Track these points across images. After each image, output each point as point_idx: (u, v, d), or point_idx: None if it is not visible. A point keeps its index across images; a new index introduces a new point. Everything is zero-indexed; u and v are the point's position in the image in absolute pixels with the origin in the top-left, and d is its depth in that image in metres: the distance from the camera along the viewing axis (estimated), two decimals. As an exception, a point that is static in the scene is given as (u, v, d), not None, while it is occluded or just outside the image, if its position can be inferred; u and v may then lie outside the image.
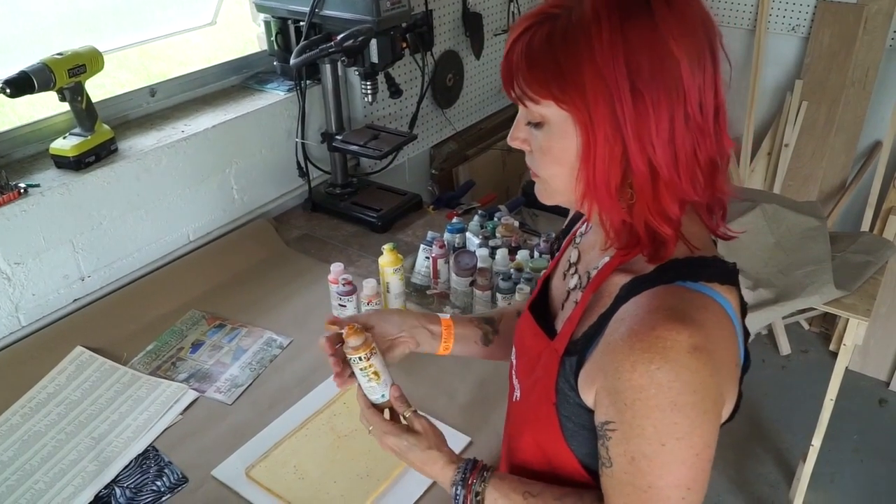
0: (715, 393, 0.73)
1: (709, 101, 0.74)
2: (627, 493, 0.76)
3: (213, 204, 1.83)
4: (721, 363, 0.73)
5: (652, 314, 0.73)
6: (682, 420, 0.71)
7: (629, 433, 0.74)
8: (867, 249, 1.96)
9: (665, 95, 0.72)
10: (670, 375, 0.70)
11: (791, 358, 3.01)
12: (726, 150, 0.78)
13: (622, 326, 0.75)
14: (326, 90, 1.96)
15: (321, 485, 1.20)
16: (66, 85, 1.49)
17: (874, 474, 2.48)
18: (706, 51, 0.73)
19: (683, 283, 0.75)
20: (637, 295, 0.76)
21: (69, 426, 1.33)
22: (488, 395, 1.39)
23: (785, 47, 2.84)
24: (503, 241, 1.73)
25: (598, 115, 0.73)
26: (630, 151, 0.73)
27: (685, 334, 0.70)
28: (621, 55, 0.71)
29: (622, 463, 0.76)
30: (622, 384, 0.72)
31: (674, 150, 0.74)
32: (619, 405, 0.74)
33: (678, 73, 0.71)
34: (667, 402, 0.70)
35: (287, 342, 1.54)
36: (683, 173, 0.75)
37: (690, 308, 0.73)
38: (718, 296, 0.76)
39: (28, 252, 1.47)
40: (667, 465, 0.73)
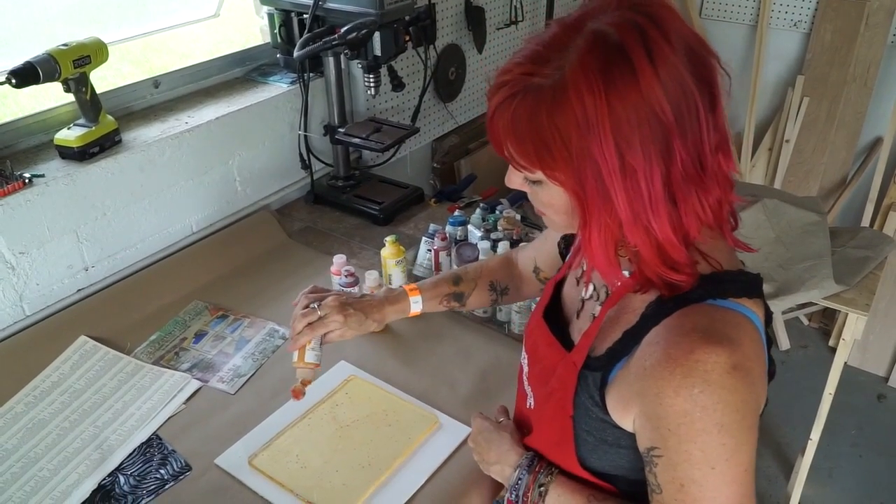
0: (754, 408, 0.73)
1: (707, 146, 0.71)
2: None
3: (216, 195, 1.84)
4: (757, 378, 0.73)
5: (687, 336, 0.72)
6: (729, 440, 0.71)
7: (675, 459, 0.73)
8: (867, 244, 1.97)
9: (657, 163, 0.69)
10: (714, 398, 0.69)
11: (790, 353, 3.02)
12: (731, 172, 0.76)
13: (657, 350, 0.73)
14: (329, 83, 1.97)
15: (323, 474, 1.21)
16: (70, 76, 1.49)
17: (872, 469, 2.50)
18: (697, 91, 0.70)
19: (713, 300, 0.74)
20: (665, 315, 0.75)
21: (73, 415, 1.34)
22: (490, 386, 1.40)
23: (786, 43, 2.84)
24: (505, 234, 1.73)
25: (589, 189, 0.71)
26: (624, 223, 0.72)
27: (724, 355, 0.69)
28: (608, 129, 0.68)
29: (672, 490, 0.75)
30: (664, 410, 0.72)
31: (674, 208, 0.72)
32: (662, 431, 0.73)
33: (667, 137, 0.69)
34: (712, 424, 0.70)
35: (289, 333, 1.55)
36: (689, 224, 0.73)
37: (725, 327, 0.72)
38: (748, 311, 0.75)
39: (32, 242, 1.48)
40: (718, 488, 0.72)
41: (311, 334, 1.12)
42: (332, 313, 1.12)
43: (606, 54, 0.68)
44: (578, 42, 0.69)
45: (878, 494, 2.41)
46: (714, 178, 0.73)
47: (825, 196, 2.91)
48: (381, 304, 1.18)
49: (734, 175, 0.79)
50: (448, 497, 1.18)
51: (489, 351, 1.48)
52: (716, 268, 0.77)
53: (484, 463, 1.03)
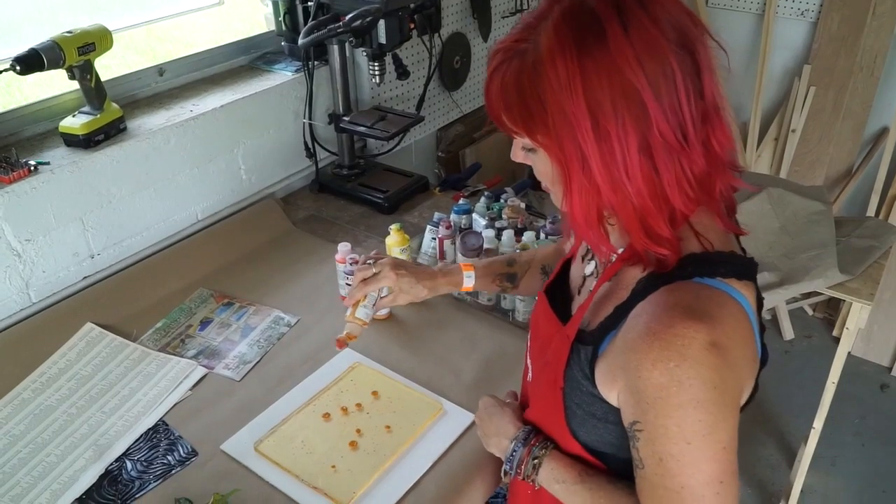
0: (734, 388, 0.73)
1: (690, 115, 0.71)
2: (661, 496, 0.76)
3: (221, 184, 1.84)
4: (738, 358, 0.73)
5: (669, 312, 0.73)
6: (706, 416, 0.71)
7: (654, 433, 0.74)
8: (872, 234, 1.96)
9: (633, 127, 0.70)
10: (690, 373, 0.70)
11: (794, 343, 3.02)
12: (724, 149, 0.76)
13: (640, 324, 0.74)
14: (334, 71, 1.97)
15: (328, 459, 1.21)
16: (75, 63, 1.49)
17: (875, 458, 2.50)
18: (676, 62, 0.70)
19: (701, 279, 0.75)
20: (654, 291, 0.76)
21: (80, 401, 1.35)
22: (494, 373, 1.40)
23: (793, 32, 2.82)
24: (509, 222, 1.73)
25: (567, 151, 0.73)
26: (601, 186, 0.72)
27: (703, 332, 0.70)
28: (580, 91, 0.69)
29: (652, 464, 0.75)
30: (643, 383, 0.73)
31: (652, 177, 0.72)
32: (642, 405, 0.74)
33: (641, 101, 0.69)
34: (688, 399, 0.71)
35: (294, 320, 1.55)
36: (671, 195, 0.73)
37: (708, 305, 0.73)
38: (735, 292, 0.75)
39: (38, 229, 1.48)
40: (695, 463, 0.73)
41: (365, 289, 1.22)
42: (386, 270, 1.21)
43: (579, 19, 0.70)
44: (556, 10, 0.72)
45: (881, 483, 2.41)
46: (700, 150, 0.74)
47: (831, 186, 2.90)
48: (434, 274, 1.26)
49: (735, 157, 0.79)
50: (452, 483, 1.19)
51: (494, 338, 1.48)
52: (707, 248, 0.78)
53: (484, 437, 1.06)
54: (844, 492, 2.39)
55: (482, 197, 1.84)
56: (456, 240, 1.65)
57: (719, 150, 0.75)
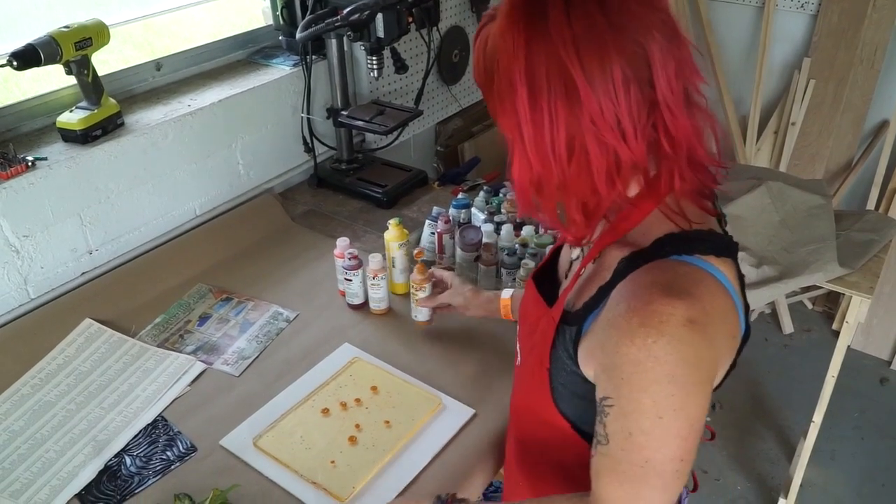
0: (709, 365, 0.75)
1: (626, 105, 0.71)
2: (623, 471, 0.77)
3: (219, 179, 1.84)
4: (717, 335, 0.75)
5: (647, 289, 0.74)
6: (678, 392, 0.72)
7: (627, 408, 0.75)
8: (872, 228, 1.96)
9: (564, 106, 0.71)
10: (667, 349, 0.71)
11: (794, 336, 3.02)
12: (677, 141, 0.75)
13: (620, 302, 0.76)
14: (332, 65, 1.96)
15: (327, 455, 1.21)
16: (72, 58, 1.49)
17: (874, 452, 2.50)
18: (617, 51, 0.70)
19: (678, 257, 0.77)
20: (634, 270, 0.78)
21: (79, 396, 1.35)
22: (492, 368, 1.40)
23: (793, 24, 2.81)
24: (508, 216, 1.73)
25: (510, 118, 0.75)
26: (531, 158, 0.75)
27: (681, 308, 0.71)
28: (522, 61, 0.72)
29: (619, 439, 0.77)
30: (620, 359, 0.74)
31: (579, 158, 0.73)
32: (616, 380, 0.75)
33: (574, 84, 0.70)
34: (663, 374, 0.72)
35: (293, 316, 1.55)
36: (598, 181, 0.74)
37: (685, 282, 0.74)
38: (713, 268, 0.77)
39: (36, 225, 1.48)
40: (663, 439, 0.74)
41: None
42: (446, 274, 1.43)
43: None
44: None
45: (880, 477, 2.42)
46: (641, 142, 0.74)
47: (830, 179, 2.89)
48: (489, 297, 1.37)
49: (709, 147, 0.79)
50: (452, 477, 1.19)
51: (492, 333, 1.48)
52: (684, 227, 0.79)
53: None
54: (844, 486, 2.40)
55: (481, 191, 1.84)
56: (455, 234, 1.65)
57: (667, 143, 0.75)
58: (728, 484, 2.40)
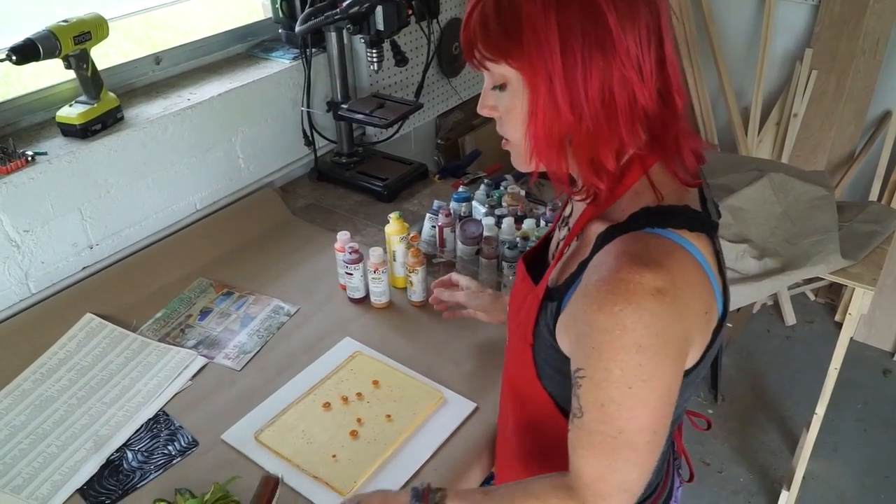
0: (678, 338, 0.75)
1: (647, 56, 0.75)
2: (598, 443, 0.79)
3: (219, 173, 1.83)
4: (687, 308, 0.75)
5: (618, 259, 0.75)
6: (647, 362, 0.73)
7: (597, 378, 0.76)
8: (874, 219, 1.95)
9: (598, 51, 0.73)
10: (633, 317, 0.72)
11: (796, 328, 3.02)
12: (676, 102, 0.80)
13: (593, 273, 0.78)
14: (332, 58, 1.95)
15: (329, 449, 1.21)
16: (71, 52, 1.48)
17: (877, 443, 2.50)
18: (643, 4, 0.74)
19: (652, 229, 0.78)
20: (609, 243, 0.79)
21: (80, 391, 1.35)
22: (493, 361, 1.40)
23: (795, 15, 2.80)
24: (509, 210, 1.73)
25: (536, 69, 0.75)
26: (561, 107, 0.75)
27: (648, 277, 0.72)
28: (553, 12, 0.73)
29: (592, 411, 0.78)
30: (589, 327, 0.75)
31: (609, 103, 0.75)
32: (587, 349, 0.76)
33: (608, 28, 0.73)
34: (631, 343, 0.73)
35: (294, 310, 1.55)
36: (623, 125, 0.76)
37: (656, 253, 0.75)
38: (686, 242, 0.78)
39: (36, 220, 1.48)
40: (634, 409, 0.76)
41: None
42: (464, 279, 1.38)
43: None
44: None
45: (883, 469, 2.42)
46: (655, 92, 0.77)
47: (833, 171, 2.89)
48: None
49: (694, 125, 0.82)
50: (453, 471, 1.19)
51: (494, 326, 1.47)
52: (659, 200, 0.81)
53: None
54: (846, 477, 2.40)
55: (482, 184, 1.83)
56: (456, 228, 1.65)
57: (677, 100, 0.79)
58: (730, 476, 2.40)
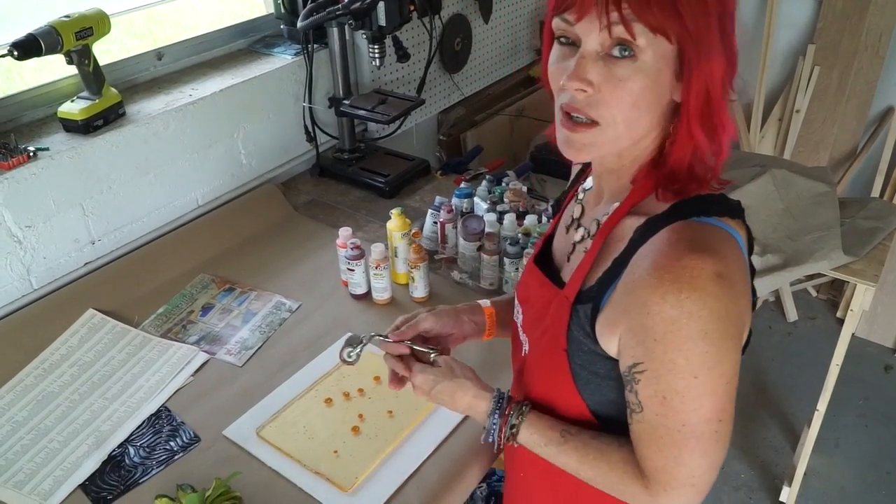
0: (738, 320, 0.75)
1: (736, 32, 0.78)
2: (661, 436, 0.78)
3: (221, 169, 1.83)
4: (740, 292, 0.75)
5: (674, 247, 0.74)
6: (712, 348, 0.73)
7: (660, 370, 0.75)
8: (877, 215, 1.95)
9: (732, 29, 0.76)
10: (699, 304, 0.71)
11: (798, 324, 3.02)
12: None
13: (645, 263, 0.76)
14: (334, 54, 1.95)
15: (331, 444, 1.22)
16: (73, 48, 1.48)
17: (878, 439, 2.50)
18: None
19: (698, 218, 0.77)
20: (654, 234, 0.78)
21: (82, 387, 1.35)
22: (496, 357, 1.40)
23: (798, 10, 2.79)
24: (511, 206, 1.72)
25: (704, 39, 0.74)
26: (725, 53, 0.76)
27: (710, 263, 0.72)
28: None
29: (653, 405, 0.77)
30: (651, 319, 0.74)
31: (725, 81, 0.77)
32: (648, 343, 0.75)
33: (733, 17, 0.76)
34: (697, 330, 0.72)
35: (296, 306, 1.55)
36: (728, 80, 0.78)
37: (711, 239, 0.75)
38: (731, 229, 0.78)
39: (38, 215, 1.48)
40: (699, 399, 0.74)
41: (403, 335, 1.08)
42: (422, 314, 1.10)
43: None
44: None
45: (884, 465, 2.42)
46: None
47: (835, 167, 2.88)
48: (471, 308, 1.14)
49: None
50: (454, 467, 1.19)
51: (495, 323, 1.48)
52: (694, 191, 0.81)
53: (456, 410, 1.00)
54: (848, 473, 2.40)
55: (484, 180, 1.83)
56: (457, 224, 1.65)
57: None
58: (732, 472, 2.40)
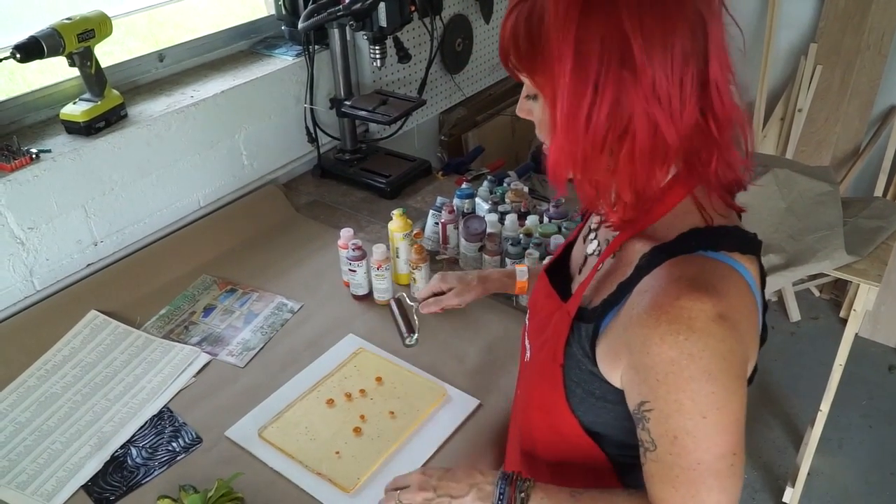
0: (742, 359, 0.73)
1: (680, 83, 0.69)
2: (676, 476, 0.75)
3: (222, 170, 1.84)
4: (744, 332, 0.73)
5: (674, 284, 0.72)
6: (718, 389, 0.71)
7: (667, 410, 0.73)
8: (880, 215, 1.94)
9: (614, 77, 0.68)
10: (699, 345, 0.69)
11: (801, 324, 3.01)
12: (722, 126, 0.74)
13: (645, 299, 0.74)
14: (335, 55, 1.95)
15: (332, 445, 1.21)
16: (75, 50, 1.48)
17: (882, 439, 2.50)
18: (681, 26, 0.68)
19: (704, 252, 0.75)
20: (658, 266, 0.75)
21: (85, 388, 1.35)
22: (497, 358, 1.40)
23: (800, 9, 2.79)
24: (512, 206, 1.72)
25: (550, 87, 0.72)
26: (559, 129, 0.72)
27: (709, 304, 0.70)
28: (573, 31, 0.68)
29: (665, 444, 0.75)
30: (652, 359, 0.72)
31: (625, 137, 0.71)
32: (651, 382, 0.73)
33: (631, 53, 0.67)
34: (700, 371, 0.70)
35: (298, 307, 1.55)
36: (639, 161, 0.72)
37: (712, 277, 0.72)
38: (739, 265, 0.75)
39: (41, 217, 1.48)
40: (711, 437, 0.73)
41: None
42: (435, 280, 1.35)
43: None
44: None
45: (888, 465, 2.41)
46: (689, 120, 0.72)
47: (837, 166, 2.88)
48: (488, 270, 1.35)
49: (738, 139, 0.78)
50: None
51: (497, 323, 1.48)
52: (709, 222, 0.78)
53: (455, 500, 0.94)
54: (851, 474, 2.39)
55: (485, 181, 1.83)
56: (459, 224, 1.65)
57: (714, 126, 0.73)
58: (734, 472, 2.40)
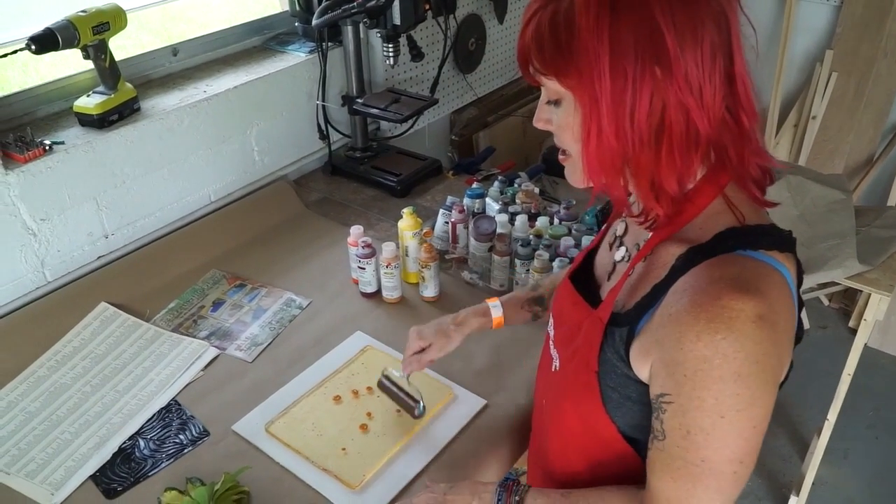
0: (776, 363, 0.72)
1: (711, 75, 0.71)
2: (677, 468, 0.76)
3: (234, 165, 1.84)
4: (782, 333, 0.73)
5: (715, 284, 0.72)
6: (744, 391, 0.70)
7: (687, 405, 0.73)
8: (893, 224, 1.93)
9: (651, 73, 0.69)
10: (735, 346, 0.69)
11: (809, 333, 3.00)
12: (744, 122, 0.75)
13: (684, 297, 0.73)
14: (348, 52, 1.95)
15: (339, 441, 1.22)
16: (90, 42, 1.49)
17: (888, 451, 2.48)
18: (709, 20, 0.70)
19: (743, 251, 0.74)
20: (696, 266, 0.75)
21: (94, 379, 1.36)
22: (504, 359, 1.40)
23: (816, 15, 2.77)
24: (523, 207, 1.72)
25: (586, 89, 0.72)
26: (605, 129, 0.72)
27: (750, 304, 0.69)
28: (606, 28, 0.69)
29: (676, 437, 0.75)
30: (684, 355, 0.72)
31: (662, 129, 0.72)
32: (678, 377, 0.73)
33: (665, 47, 0.69)
34: (730, 372, 0.70)
35: (306, 303, 1.55)
36: (678, 152, 0.73)
37: (754, 277, 0.72)
38: (779, 264, 0.74)
39: (53, 209, 1.49)
40: (723, 439, 0.72)
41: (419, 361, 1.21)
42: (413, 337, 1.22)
43: None
44: None
45: (893, 476, 2.40)
46: (718, 114, 0.73)
47: (850, 175, 2.86)
48: (457, 318, 1.23)
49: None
50: (462, 467, 1.19)
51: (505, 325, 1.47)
52: (741, 221, 0.77)
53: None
54: (856, 485, 2.38)
55: (495, 181, 1.83)
56: (469, 224, 1.65)
57: (744, 117, 0.75)
58: (739, 479, 2.39)
